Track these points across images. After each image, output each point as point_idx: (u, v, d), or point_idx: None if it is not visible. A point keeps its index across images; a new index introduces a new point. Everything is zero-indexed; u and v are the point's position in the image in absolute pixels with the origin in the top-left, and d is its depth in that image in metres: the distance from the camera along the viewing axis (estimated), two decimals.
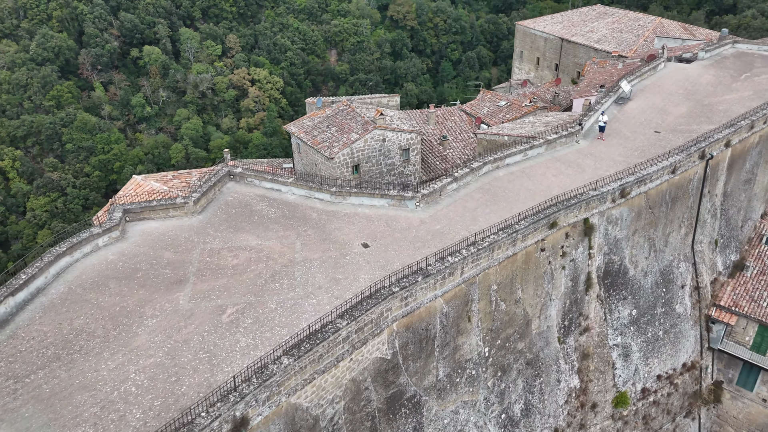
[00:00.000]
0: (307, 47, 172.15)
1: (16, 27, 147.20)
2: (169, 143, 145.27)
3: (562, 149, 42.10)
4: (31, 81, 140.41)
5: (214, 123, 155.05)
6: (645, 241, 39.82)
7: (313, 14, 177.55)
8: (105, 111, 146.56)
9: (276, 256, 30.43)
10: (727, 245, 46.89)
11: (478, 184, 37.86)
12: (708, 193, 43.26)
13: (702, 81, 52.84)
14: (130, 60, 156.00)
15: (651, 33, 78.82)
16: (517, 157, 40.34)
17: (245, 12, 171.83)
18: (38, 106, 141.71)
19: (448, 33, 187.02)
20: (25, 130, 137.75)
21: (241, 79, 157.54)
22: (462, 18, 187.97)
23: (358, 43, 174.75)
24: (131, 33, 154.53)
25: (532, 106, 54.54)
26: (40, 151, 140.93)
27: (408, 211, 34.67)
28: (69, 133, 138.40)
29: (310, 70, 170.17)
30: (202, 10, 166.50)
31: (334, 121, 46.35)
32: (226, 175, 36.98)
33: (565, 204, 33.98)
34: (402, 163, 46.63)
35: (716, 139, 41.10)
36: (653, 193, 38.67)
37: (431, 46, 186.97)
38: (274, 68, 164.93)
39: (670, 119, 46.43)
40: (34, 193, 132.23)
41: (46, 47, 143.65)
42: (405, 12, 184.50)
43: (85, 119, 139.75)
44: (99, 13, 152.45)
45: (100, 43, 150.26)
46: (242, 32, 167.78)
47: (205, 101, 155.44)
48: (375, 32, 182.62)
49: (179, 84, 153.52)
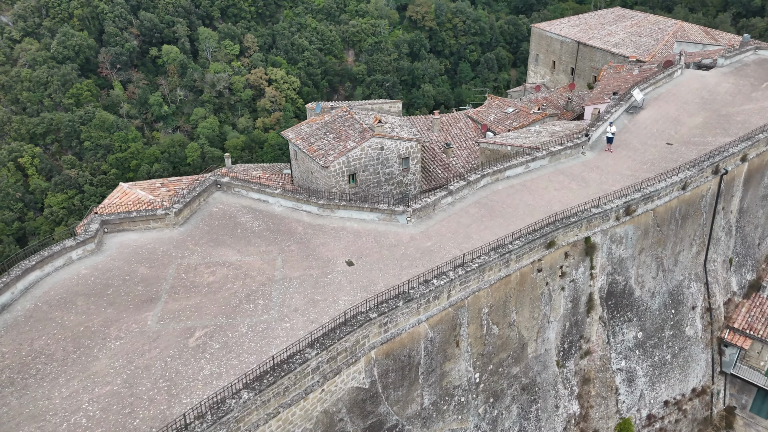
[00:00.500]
0: (325, 47, 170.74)
1: (38, 25, 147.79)
2: (185, 142, 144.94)
3: (566, 161, 39.84)
4: (51, 79, 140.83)
5: (231, 122, 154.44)
6: (652, 260, 37.42)
7: (331, 14, 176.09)
8: (123, 109, 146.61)
9: (254, 274, 28.72)
10: (743, 264, 44.21)
11: (475, 197, 35.79)
12: (722, 210, 40.68)
13: (720, 90, 50.07)
14: (149, 59, 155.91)
15: (671, 37, 75.83)
16: (518, 170, 38.19)
17: (264, 12, 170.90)
18: (58, 104, 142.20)
19: (467, 34, 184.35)
20: (45, 128, 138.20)
21: (258, 79, 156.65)
22: (481, 19, 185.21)
23: (375, 43, 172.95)
24: (150, 32, 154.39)
25: (541, 114, 52.25)
26: (59, 149, 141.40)
27: (398, 226, 32.75)
28: (87, 131, 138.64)
29: (327, 71, 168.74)
30: (221, 9, 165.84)
31: (332, 127, 44.56)
32: (213, 185, 35.39)
33: (564, 222, 31.78)
34: (401, 172, 44.69)
35: (731, 154, 38.53)
36: (661, 211, 36.28)
37: (450, 47, 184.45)
38: (291, 68, 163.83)
39: (683, 130, 43.86)
40: (52, 190, 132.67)
41: (67, 45, 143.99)
42: (424, 12, 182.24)
43: (103, 117, 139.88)
44: (119, 12, 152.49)
45: (119, 42, 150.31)
46: (260, 32, 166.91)
47: (221, 100, 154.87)
48: (393, 33, 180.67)
49: (197, 83, 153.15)
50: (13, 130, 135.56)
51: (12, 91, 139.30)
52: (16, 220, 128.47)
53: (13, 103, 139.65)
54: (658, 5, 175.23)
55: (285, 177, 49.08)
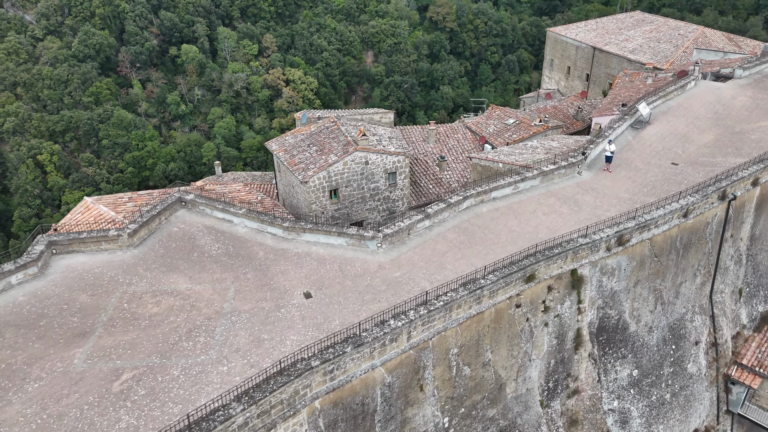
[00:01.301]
0: (344, 48, 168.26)
1: (60, 24, 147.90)
2: (201, 141, 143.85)
3: (560, 182, 36.54)
4: (71, 77, 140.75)
5: (247, 122, 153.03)
6: (650, 292, 33.98)
7: (350, 15, 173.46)
8: (141, 108, 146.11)
9: (202, 305, 26.16)
10: (755, 294, 40.43)
11: (456, 221, 32.75)
12: (731, 238, 37.01)
13: (736, 104, 46.15)
14: (169, 58, 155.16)
15: (691, 44, 71.53)
16: (506, 190, 35.02)
17: (283, 12, 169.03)
18: (78, 102, 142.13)
19: (489, 35, 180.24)
20: (64, 125, 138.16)
21: (276, 79, 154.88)
22: (503, 20, 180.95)
23: (395, 44, 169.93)
24: (170, 31, 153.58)
25: (542, 126, 48.89)
26: (77, 146, 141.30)
27: (367, 253, 29.90)
28: (105, 129, 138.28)
29: (345, 71, 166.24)
30: (240, 9, 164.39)
31: (316, 139, 41.88)
32: (177, 202, 32.93)
33: (546, 255, 28.61)
34: (388, 187, 41.81)
35: (740, 178, 34.86)
36: (659, 240, 32.82)
37: (470, 48, 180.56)
38: (309, 69, 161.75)
39: (692, 149, 40.20)
40: (70, 187, 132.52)
41: (88, 44, 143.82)
42: (445, 13, 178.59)
43: (121, 116, 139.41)
44: (140, 12, 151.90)
45: (140, 41, 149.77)
46: (279, 32, 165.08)
47: (239, 100, 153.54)
48: (413, 34, 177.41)
49: (215, 83, 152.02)
50: (34, 128, 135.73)
51: (33, 88, 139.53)
52: (34, 217, 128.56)
53: (34, 101, 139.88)
54: (687, 8, 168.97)
55: (273, 189, 46.61)
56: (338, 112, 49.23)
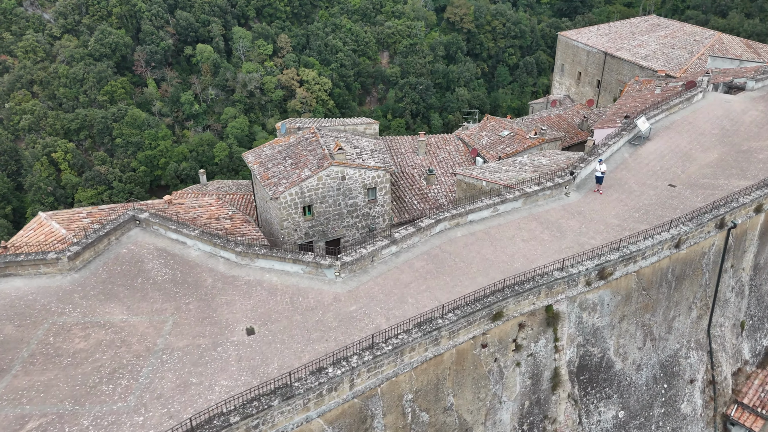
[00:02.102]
0: (359, 49, 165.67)
1: (77, 23, 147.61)
2: (213, 141, 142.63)
3: (545, 204, 33.51)
4: (87, 76, 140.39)
5: (261, 123, 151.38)
6: (638, 328, 30.85)
7: (366, 15, 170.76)
8: (156, 107, 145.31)
9: (134, 341, 23.81)
10: (759, 327, 36.98)
11: (427, 246, 29.98)
12: (731, 268, 33.65)
13: (745, 119, 42.56)
14: (184, 58, 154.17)
15: (707, 50, 67.56)
16: (484, 213, 32.12)
17: (299, 12, 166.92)
18: (93, 101, 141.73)
19: (507, 37, 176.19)
20: (79, 124, 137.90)
21: (290, 80, 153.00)
22: (522, 22, 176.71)
23: (410, 45, 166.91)
24: (186, 31, 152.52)
25: (537, 139, 45.78)
26: (92, 144, 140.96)
27: (325, 283, 27.30)
28: (119, 128, 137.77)
29: (360, 72, 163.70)
30: (256, 9, 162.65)
31: (293, 151, 39.38)
32: (130, 221, 30.68)
33: (516, 290, 25.72)
34: (367, 203, 39.14)
35: (742, 204, 31.50)
36: (648, 272, 29.67)
37: (488, 49, 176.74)
38: (323, 69, 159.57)
39: (692, 169, 36.83)
40: (83, 185, 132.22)
41: (104, 43, 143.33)
42: (462, 14, 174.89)
43: (135, 115, 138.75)
44: (156, 11, 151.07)
45: (155, 41, 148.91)
46: (294, 32, 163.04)
47: (252, 100, 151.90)
48: (429, 35, 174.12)
49: (229, 82, 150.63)
50: (49, 125, 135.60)
51: (49, 86, 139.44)
52: None
53: (50, 99, 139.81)
54: (712, 10, 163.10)
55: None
56: (322, 121, 46.60)
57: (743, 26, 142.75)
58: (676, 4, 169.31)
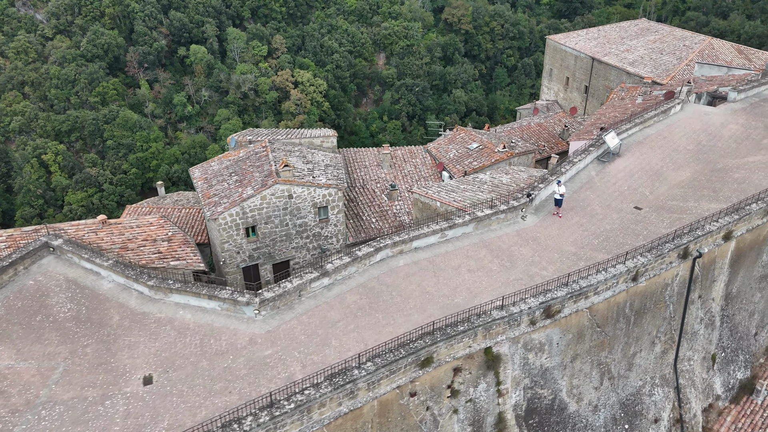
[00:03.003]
0: (355, 50, 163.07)
1: (70, 23, 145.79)
2: (206, 143, 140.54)
3: (499, 228, 30.92)
4: (79, 77, 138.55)
5: (255, 124, 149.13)
6: (593, 367, 28.23)
7: (363, 16, 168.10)
8: (148, 109, 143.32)
9: (14, 392, 21.43)
10: (732, 360, 34.23)
11: (364, 278, 27.47)
12: (699, 299, 30.94)
13: (724, 133, 39.75)
14: (177, 58, 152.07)
15: (696, 56, 64.58)
16: (431, 239, 29.57)
17: (295, 12, 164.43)
18: (84, 102, 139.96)
19: (505, 38, 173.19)
20: (70, 125, 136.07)
21: (284, 81, 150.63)
22: (521, 23, 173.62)
23: (407, 46, 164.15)
24: (179, 32, 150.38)
25: (506, 153, 43.15)
26: (83, 146, 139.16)
27: (243, 321, 24.85)
28: (110, 130, 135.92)
29: (356, 73, 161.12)
30: (251, 9, 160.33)
31: (241, 167, 36.95)
32: (43, 247, 28.35)
33: (447, 333, 23.17)
34: (318, 223, 36.66)
35: (708, 232, 28.79)
36: (602, 308, 27.05)
37: (486, 51, 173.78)
38: (318, 70, 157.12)
39: (662, 189, 34.12)
40: (73, 188, 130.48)
41: (96, 44, 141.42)
42: (460, 15, 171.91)
43: (126, 116, 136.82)
44: (150, 12, 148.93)
45: (148, 41, 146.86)
46: (289, 33, 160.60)
47: (246, 102, 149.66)
48: (427, 36, 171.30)
49: (222, 84, 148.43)
50: (40, 127, 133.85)
51: (41, 88, 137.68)
52: (36, 217, 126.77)
53: (41, 100, 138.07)
54: (713, 12, 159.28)
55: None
56: (281, 132, 44.04)
57: (744, 28, 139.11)
58: (676, 6, 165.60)
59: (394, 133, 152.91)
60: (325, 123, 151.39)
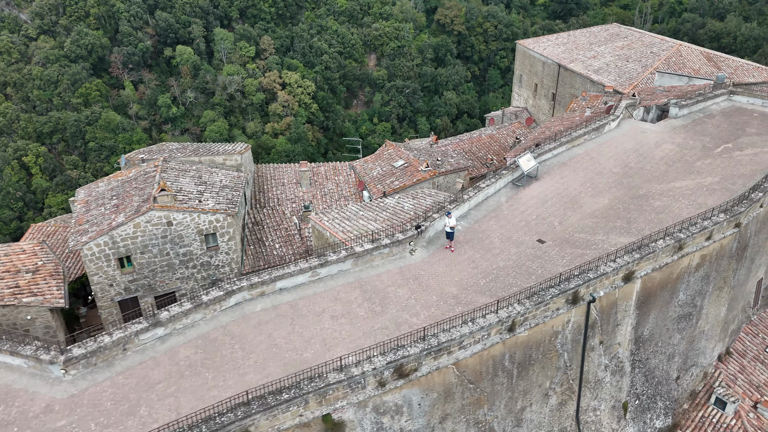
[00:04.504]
0: (345, 51, 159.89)
1: (54, 23, 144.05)
2: None
3: (382, 265, 27.72)
4: (61, 78, 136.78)
5: (241, 126, 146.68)
6: (469, 426, 24.95)
7: (354, 17, 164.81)
8: (132, 110, 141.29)
9: None
10: (649, 407, 30.78)
11: (209, 326, 24.38)
12: (600, 345, 27.58)
13: (657, 154, 36.18)
14: (163, 59, 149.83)
15: (661, 64, 60.76)
16: (299, 278, 26.47)
17: (284, 13, 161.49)
18: (67, 103, 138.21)
19: (498, 39, 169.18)
20: (52, 127, 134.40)
21: (272, 82, 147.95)
22: (514, 24, 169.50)
23: (398, 47, 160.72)
24: (165, 32, 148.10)
25: (429, 172, 39.90)
26: (65, 148, 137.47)
27: (48, 383, 21.79)
28: (92, 132, 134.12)
29: (346, 75, 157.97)
30: (240, 10, 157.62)
31: (125, 189, 34.05)
32: None
33: (267, 404, 20.02)
34: (206, 251, 33.65)
35: (602, 274, 25.41)
36: (473, 363, 23.77)
37: (479, 52, 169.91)
38: (307, 72, 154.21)
39: (573, 219, 30.71)
40: (53, 190, 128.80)
41: (80, 44, 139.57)
42: (453, 16, 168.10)
43: (108, 118, 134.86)
44: (135, 12, 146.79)
45: (133, 42, 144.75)
46: (278, 34, 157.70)
47: (233, 104, 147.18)
48: (418, 37, 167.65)
49: (209, 85, 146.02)
50: (21, 128, 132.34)
51: (23, 88, 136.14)
52: (15, 219, 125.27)
53: (23, 101, 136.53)
54: (709, 13, 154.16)
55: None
56: (186, 148, 40.95)
57: (740, 30, 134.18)
58: (673, 7, 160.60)
59: (384, 135, 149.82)
60: (313, 125, 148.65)
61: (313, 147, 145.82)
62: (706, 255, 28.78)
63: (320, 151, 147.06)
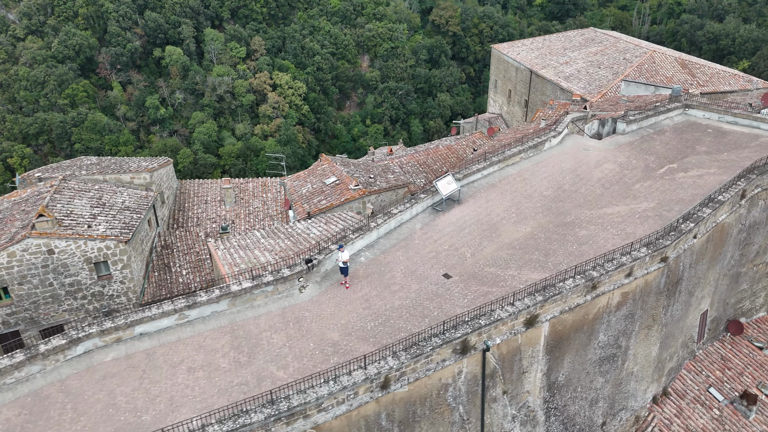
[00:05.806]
0: (338, 52, 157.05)
1: (42, 24, 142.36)
2: (178, 147, 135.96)
3: (265, 305, 24.80)
4: (48, 78, 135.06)
5: (230, 128, 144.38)
6: None
7: (347, 17, 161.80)
8: (120, 111, 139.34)
9: None
10: None
11: (47, 380, 21.47)
12: (505, 395, 24.49)
13: (595, 174, 32.92)
14: (152, 60, 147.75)
15: (633, 71, 57.30)
16: (164, 322, 23.62)
17: (276, 13, 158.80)
18: (54, 104, 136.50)
19: (494, 40, 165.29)
20: (38, 128, 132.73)
21: (262, 84, 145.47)
22: (510, 24, 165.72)
23: (391, 48, 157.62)
24: (155, 33, 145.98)
25: (358, 191, 36.90)
26: (51, 150, 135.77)
27: None
28: (79, 133, 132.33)
29: (338, 76, 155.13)
30: (231, 10, 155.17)
31: (12, 212, 31.38)
32: None
33: None
34: (96, 281, 30.88)
35: (496, 320, 22.31)
36: (339, 425, 20.70)
37: (475, 53, 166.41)
38: (298, 73, 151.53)
39: (488, 250, 27.60)
40: None
41: (68, 45, 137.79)
42: (448, 17, 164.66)
43: (95, 119, 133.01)
44: (124, 12, 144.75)
45: (121, 42, 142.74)
46: (269, 34, 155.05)
47: (222, 105, 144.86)
48: (413, 38, 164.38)
49: (198, 86, 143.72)
50: (7, 130, 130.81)
51: (10, 89, 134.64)
52: None
53: (10, 102, 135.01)
54: (708, 15, 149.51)
55: None
56: (101, 163, 38.17)
57: (739, 31, 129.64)
58: (671, 8, 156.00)
59: (377, 137, 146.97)
60: (304, 126, 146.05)
61: (304, 149, 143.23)
62: (627, 293, 25.60)
63: (311, 153, 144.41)
